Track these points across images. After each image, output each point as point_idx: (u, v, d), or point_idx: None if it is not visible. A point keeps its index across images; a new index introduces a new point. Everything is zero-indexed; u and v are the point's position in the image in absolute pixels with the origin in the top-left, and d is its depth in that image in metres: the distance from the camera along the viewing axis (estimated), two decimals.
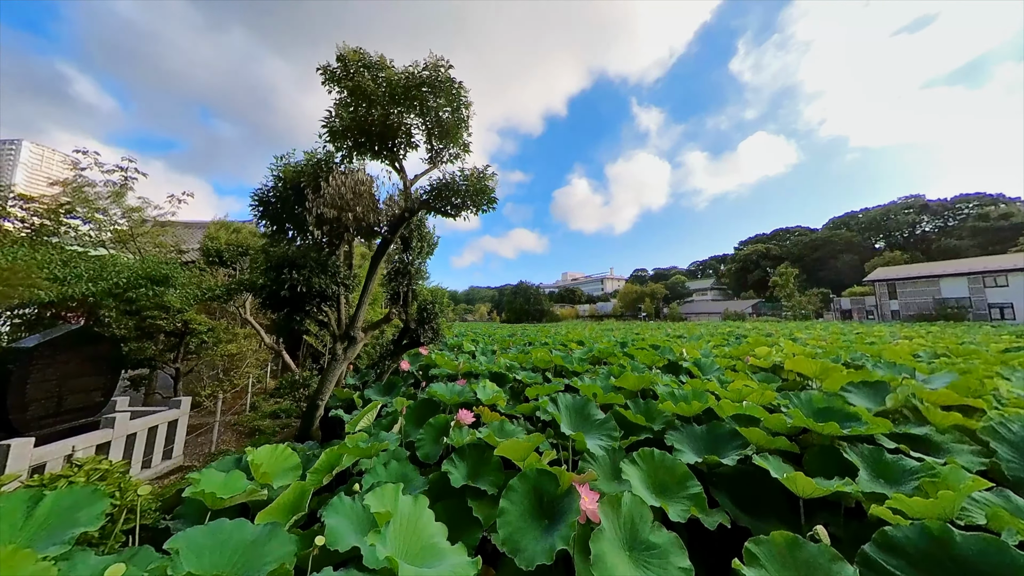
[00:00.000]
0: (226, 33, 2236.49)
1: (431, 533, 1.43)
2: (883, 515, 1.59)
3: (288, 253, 3.23)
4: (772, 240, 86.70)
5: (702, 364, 4.98)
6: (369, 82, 3.01)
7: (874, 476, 1.99)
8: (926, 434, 2.31)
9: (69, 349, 3.28)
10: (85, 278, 3.97)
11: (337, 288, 3.78)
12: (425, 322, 5.42)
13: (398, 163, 3.68)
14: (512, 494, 1.82)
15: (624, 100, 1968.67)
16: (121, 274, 4.34)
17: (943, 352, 6.78)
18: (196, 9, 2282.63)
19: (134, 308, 4.49)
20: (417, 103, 3.10)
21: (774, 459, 2.03)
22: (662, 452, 2.20)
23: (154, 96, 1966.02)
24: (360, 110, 3.16)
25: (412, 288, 5.25)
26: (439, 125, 3.34)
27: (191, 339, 5.44)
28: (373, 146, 3.42)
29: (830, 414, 2.48)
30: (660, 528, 1.69)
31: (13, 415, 2.91)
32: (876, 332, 13.83)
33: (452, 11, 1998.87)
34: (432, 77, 3.09)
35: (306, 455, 3.06)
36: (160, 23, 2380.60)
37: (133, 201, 6.18)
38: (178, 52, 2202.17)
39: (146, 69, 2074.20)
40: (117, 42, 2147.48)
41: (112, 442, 3.22)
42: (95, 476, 2.32)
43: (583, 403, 2.70)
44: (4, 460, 2.52)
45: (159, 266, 4.80)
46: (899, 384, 2.97)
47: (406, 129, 3.43)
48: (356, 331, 4.33)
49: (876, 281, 34.70)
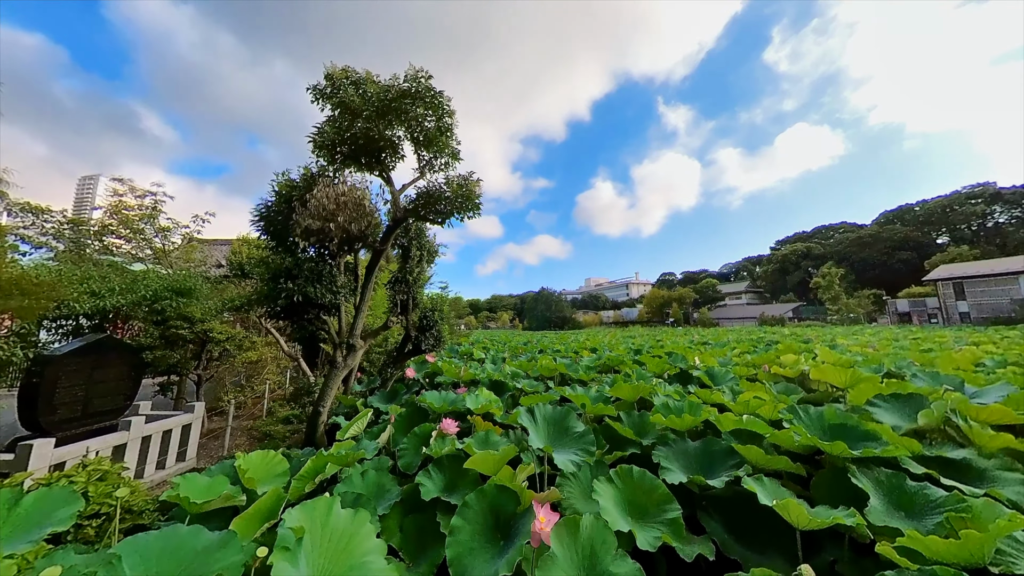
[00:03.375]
0: (268, 66, 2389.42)
1: (365, 551, 1.36)
2: (889, 555, 1.34)
3: (284, 264, 3.37)
4: (813, 238, 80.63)
5: (715, 373, 4.62)
6: (354, 97, 3.12)
7: (890, 507, 1.70)
8: (966, 458, 1.96)
9: (94, 357, 3.58)
10: (117, 292, 4.37)
11: (334, 297, 3.87)
12: (426, 329, 5.45)
13: (386, 173, 3.77)
14: (466, 511, 1.72)
15: (650, 101, 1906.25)
16: (150, 287, 4.72)
17: (1015, 360, 5.89)
18: (244, 45, 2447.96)
19: (160, 318, 4.87)
20: (400, 114, 3.17)
21: (770, 482, 1.79)
22: (642, 470, 2.02)
23: (208, 126, 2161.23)
24: (345, 123, 3.28)
25: (413, 296, 5.30)
26: (424, 134, 3.38)
27: (213, 347, 5.80)
28: (360, 158, 3.53)
29: (844, 432, 2.17)
30: (625, 557, 1.52)
31: (42, 417, 3.20)
32: (937, 338, 12.32)
33: (474, 23, 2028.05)
34: (412, 88, 3.16)
35: (298, 461, 3.11)
36: (213, 59, 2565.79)
37: (163, 221, 6.82)
38: (228, 84, 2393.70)
39: (201, 102, 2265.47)
40: (177, 79, 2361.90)
41: (128, 444, 3.45)
42: (95, 476, 2.48)
43: (564, 414, 2.54)
44: (27, 458, 2.75)
45: (184, 279, 5.19)
46: (938, 397, 2.56)
47: (392, 140, 3.52)
48: (355, 339, 4.41)
49: (939, 280, 31.12)
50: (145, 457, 3.65)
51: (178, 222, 7.01)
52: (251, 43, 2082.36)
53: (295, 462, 3.03)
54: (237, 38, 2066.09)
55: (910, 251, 58.89)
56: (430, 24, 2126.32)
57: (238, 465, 2.58)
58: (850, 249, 64.60)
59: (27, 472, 2.51)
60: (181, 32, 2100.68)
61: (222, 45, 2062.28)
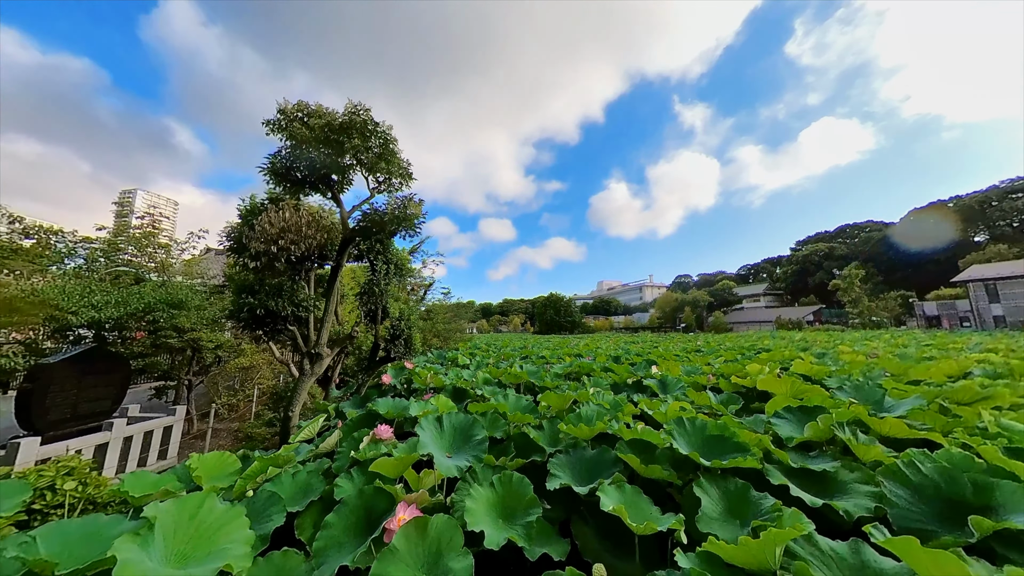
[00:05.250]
0: (288, 79, 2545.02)
1: (230, 540, 1.59)
2: (679, 559, 1.47)
3: (246, 280, 3.73)
4: (837, 238, 77.23)
5: (668, 383, 4.69)
6: (302, 129, 3.46)
7: (729, 515, 1.81)
8: (827, 470, 2.03)
9: (84, 365, 4.02)
10: (113, 304, 4.86)
11: (295, 310, 4.21)
12: (395, 338, 5.73)
13: (336, 196, 4.10)
14: (343, 508, 1.94)
15: (665, 100, 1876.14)
16: (143, 299, 5.21)
17: (1013, 371, 5.60)
18: (264, 60, 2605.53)
19: (153, 328, 5.35)
20: (338, 145, 3.49)
21: (611, 489, 1.93)
22: (521, 476, 2.18)
23: (234, 140, 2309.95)
24: (297, 152, 3.63)
25: (383, 306, 5.60)
26: (368, 161, 3.69)
27: (206, 354, 6.27)
28: (310, 182, 3.88)
29: (719, 443, 2.27)
30: (467, 555, 1.70)
31: (35, 420, 3.63)
32: (954, 343, 11.67)
33: (485, 28, 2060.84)
34: (349, 121, 3.48)
35: (249, 462, 3.40)
36: (238, 74, 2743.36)
37: (162, 238, 7.48)
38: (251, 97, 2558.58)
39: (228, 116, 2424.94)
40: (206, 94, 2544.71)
41: (110, 443, 3.84)
42: (63, 471, 2.84)
43: (470, 423, 2.73)
44: (15, 455, 3.15)
45: (177, 292, 5.67)
46: (841, 409, 2.60)
47: (340, 166, 3.84)
48: (321, 348, 4.72)
49: (970, 281, 29.27)
50: (127, 456, 4.04)
51: (176, 239, 7.65)
52: (271, 57, 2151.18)
53: (247, 463, 3.33)
54: (259, 53, 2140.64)
55: (943, 250, 55.62)
56: (442, 30, 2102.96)
57: (189, 464, 2.88)
58: (876, 248, 61.58)
59: (11, 467, 2.89)
60: (209, 50, 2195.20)
61: (245, 60, 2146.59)
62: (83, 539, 1.82)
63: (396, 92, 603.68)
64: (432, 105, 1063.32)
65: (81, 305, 4.66)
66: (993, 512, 1.56)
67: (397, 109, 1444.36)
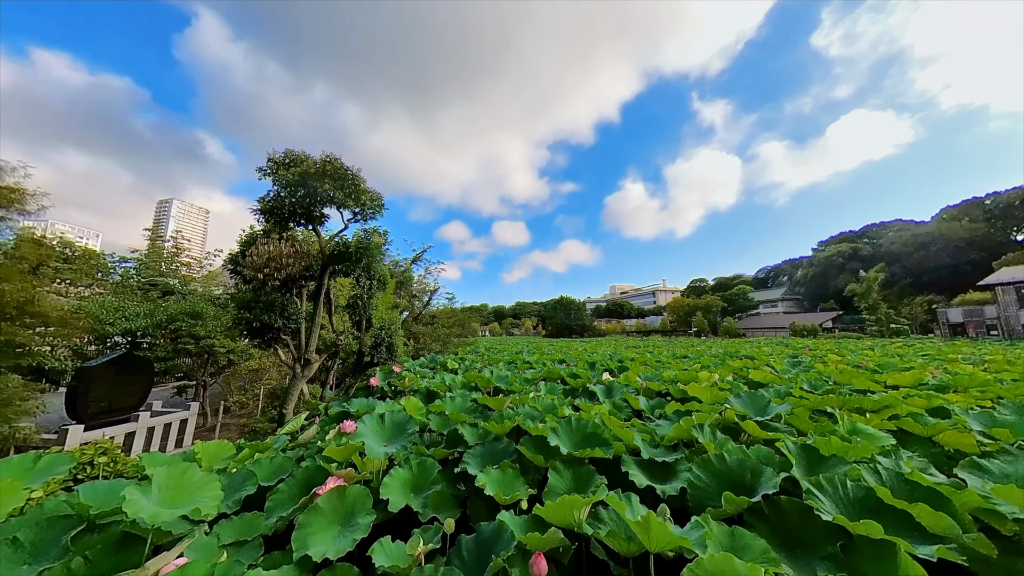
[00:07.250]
0: (310, 91, 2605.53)
1: (204, 494, 2.26)
2: (505, 517, 2.03)
3: (245, 297, 4.53)
4: (862, 238, 73.79)
5: (613, 387, 5.17)
6: (286, 175, 4.23)
7: (572, 490, 2.35)
8: (666, 461, 2.53)
9: (117, 367, 4.90)
10: (142, 315, 5.79)
11: (287, 322, 4.98)
12: (378, 345, 6.45)
13: (315, 229, 4.88)
14: (291, 480, 2.60)
15: (683, 97, 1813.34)
16: (167, 311, 6.13)
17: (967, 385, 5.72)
18: (287, 73, 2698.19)
19: (174, 336, 6.28)
20: (313, 188, 4.24)
21: (495, 471, 2.50)
22: (433, 461, 2.79)
23: (259, 150, 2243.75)
24: (283, 193, 4.42)
25: (367, 317, 6.34)
26: (338, 199, 4.46)
27: (220, 358, 7.19)
28: (295, 217, 4.66)
29: (592, 439, 2.81)
30: (373, 514, 2.31)
31: (80, 411, 4.51)
32: (950, 353, 11.39)
33: (500, 31, 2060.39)
34: (323, 169, 4.22)
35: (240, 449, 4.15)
36: (263, 87, 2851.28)
37: (184, 258, 8.58)
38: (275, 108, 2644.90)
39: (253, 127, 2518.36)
40: (234, 107, 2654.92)
41: (136, 432, 4.69)
42: (99, 451, 3.63)
43: (406, 419, 3.36)
44: (65, 438, 4.00)
45: (196, 304, 6.60)
46: (714, 411, 3.08)
47: (315, 204, 4.61)
48: (310, 354, 5.48)
49: (999, 285, 27.60)
50: (150, 443, 4.88)
51: (196, 257, 8.72)
52: (294, 70, 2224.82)
53: (240, 450, 4.08)
54: (282, 66, 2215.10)
55: (979, 250, 52.41)
56: (459, 36, 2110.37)
57: (194, 450, 3.64)
58: (904, 249, 58.59)
59: (62, 447, 3.73)
60: (237, 65, 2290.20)
61: (270, 73, 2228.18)
62: (110, 494, 2.53)
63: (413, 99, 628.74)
64: (448, 110, 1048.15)
65: (117, 317, 5.60)
66: (754, 491, 2.04)
67: (413, 116, 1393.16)
